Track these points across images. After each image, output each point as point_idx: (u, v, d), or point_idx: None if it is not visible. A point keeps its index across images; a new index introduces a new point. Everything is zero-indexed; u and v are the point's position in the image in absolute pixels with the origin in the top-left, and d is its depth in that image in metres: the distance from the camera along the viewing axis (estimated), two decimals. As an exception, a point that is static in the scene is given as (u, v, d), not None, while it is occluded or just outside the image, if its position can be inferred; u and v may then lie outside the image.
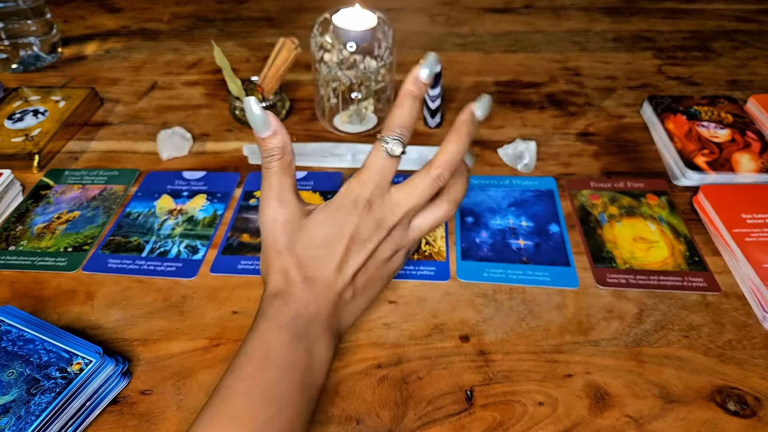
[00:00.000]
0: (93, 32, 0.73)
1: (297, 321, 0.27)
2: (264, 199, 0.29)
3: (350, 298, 0.30)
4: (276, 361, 0.25)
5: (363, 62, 0.47)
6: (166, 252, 0.40)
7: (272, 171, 0.29)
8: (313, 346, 0.27)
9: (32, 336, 0.31)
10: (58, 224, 0.43)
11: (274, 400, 0.24)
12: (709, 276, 0.37)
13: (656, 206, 0.43)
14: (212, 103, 0.57)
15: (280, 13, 0.77)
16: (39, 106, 0.54)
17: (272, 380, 0.25)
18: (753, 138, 0.47)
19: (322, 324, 0.28)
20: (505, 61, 0.64)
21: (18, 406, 0.28)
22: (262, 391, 0.24)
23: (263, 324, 0.27)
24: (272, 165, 0.29)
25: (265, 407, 0.24)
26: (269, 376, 0.25)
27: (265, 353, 0.26)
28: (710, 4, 0.76)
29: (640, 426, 0.29)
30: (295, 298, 0.28)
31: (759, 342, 0.33)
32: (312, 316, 0.27)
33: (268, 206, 0.29)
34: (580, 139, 0.51)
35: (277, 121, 0.29)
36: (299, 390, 0.25)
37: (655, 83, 0.59)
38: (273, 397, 0.24)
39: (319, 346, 0.27)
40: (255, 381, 0.25)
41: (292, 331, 0.26)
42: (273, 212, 0.29)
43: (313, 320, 0.27)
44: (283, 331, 0.26)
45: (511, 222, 0.42)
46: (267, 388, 0.24)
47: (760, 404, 0.30)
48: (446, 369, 0.32)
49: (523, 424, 0.29)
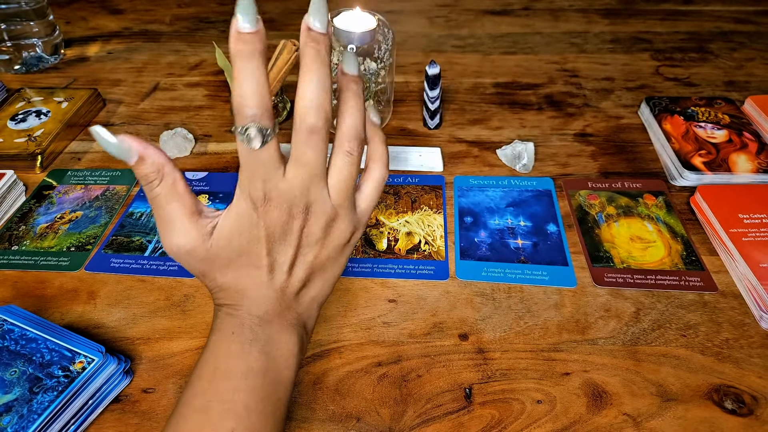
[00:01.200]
0: (95, 33, 0.73)
1: (243, 327, 0.26)
2: (160, 232, 0.26)
3: (300, 289, 0.27)
4: (226, 371, 0.24)
5: (363, 64, 0.47)
6: (167, 252, 0.40)
7: (157, 200, 0.25)
8: (267, 346, 0.25)
9: (35, 335, 0.31)
10: (61, 224, 0.43)
11: (232, 411, 0.23)
12: (707, 275, 0.37)
13: (654, 206, 0.43)
14: (214, 104, 0.58)
15: (280, 14, 0.78)
16: (42, 107, 0.54)
17: (226, 390, 0.24)
18: (750, 138, 0.48)
19: (273, 323, 0.26)
20: (503, 62, 0.64)
21: (20, 404, 0.28)
22: (217, 403, 0.23)
23: (211, 338, 0.26)
24: (154, 192, 0.25)
25: (224, 420, 0.23)
26: (222, 387, 0.24)
27: (214, 366, 0.25)
28: (708, 5, 0.77)
29: (637, 424, 0.29)
30: (237, 308, 0.26)
31: (756, 341, 0.33)
32: (258, 319, 0.26)
33: (165, 239, 0.26)
34: (578, 140, 0.51)
35: (140, 143, 0.24)
36: (262, 395, 0.24)
37: (652, 84, 0.59)
38: (231, 408, 0.23)
39: (276, 345, 0.26)
40: (208, 395, 0.24)
41: (239, 338, 0.25)
42: (172, 244, 0.26)
43: (260, 323, 0.26)
44: (230, 341, 0.25)
45: (509, 222, 0.42)
46: (222, 399, 0.24)
47: (757, 403, 0.30)
48: (445, 367, 0.32)
49: (522, 422, 0.29)
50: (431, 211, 0.43)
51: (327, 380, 0.32)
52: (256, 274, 0.26)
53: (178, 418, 0.24)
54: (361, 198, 0.28)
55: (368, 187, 0.28)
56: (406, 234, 0.41)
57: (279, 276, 0.26)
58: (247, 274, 0.26)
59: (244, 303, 0.26)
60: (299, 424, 0.30)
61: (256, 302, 0.26)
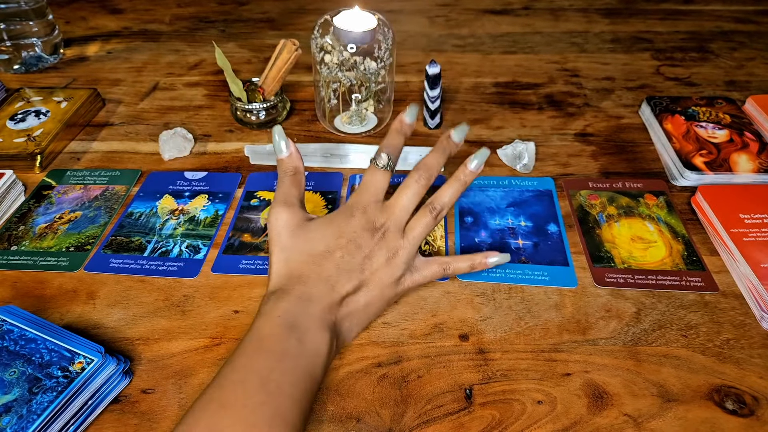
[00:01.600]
0: (95, 33, 0.73)
1: (288, 313, 0.29)
2: (273, 203, 0.34)
3: (346, 295, 0.31)
4: (267, 350, 0.27)
5: (363, 63, 0.47)
6: (167, 252, 0.40)
7: (284, 182, 0.34)
8: (304, 336, 0.28)
9: (34, 335, 0.31)
10: (60, 224, 0.43)
11: (265, 388, 0.25)
12: (707, 276, 0.37)
13: (654, 206, 0.43)
14: (213, 103, 0.58)
15: (280, 14, 0.78)
16: (41, 106, 0.54)
17: (263, 367, 0.26)
18: (751, 138, 0.48)
19: (314, 316, 0.29)
20: (503, 62, 0.64)
21: (20, 405, 0.28)
22: (254, 378, 0.25)
23: (257, 320, 0.29)
24: (285, 179, 0.34)
25: (257, 393, 0.25)
26: (260, 363, 0.26)
27: (257, 344, 0.27)
28: (708, 5, 0.77)
29: (638, 425, 0.29)
30: (288, 293, 0.30)
31: (757, 341, 0.33)
32: (303, 309, 0.29)
33: (275, 208, 0.33)
34: (578, 140, 0.51)
35: (293, 147, 0.35)
36: (293, 379, 0.26)
37: (653, 84, 0.59)
38: (265, 384, 0.25)
39: (311, 336, 0.28)
40: (247, 369, 0.26)
41: (282, 323, 0.28)
42: (278, 213, 0.33)
43: (304, 312, 0.29)
44: (275, 324, 0.28)
45: (510, 222, 0.42)
46: (259, 375, 0.26)
47: (758, 403, 0.30)
48: (446, 368, 0.32)
49: (522, 422, 0.29)
50: (431, 211, 0.43)
51: (327, 381, 0.31)
52: (325, 264, 0.31)
53: (214, 389, 0.26)
54: (424, 263, 0.34)
55: (416, 224, 0.33)
56: (406, 234, 0.41)
57: (339, 275, 0.31)
58: (317, 262, 0.31)
59: (299, 289, 0.30)
60: (299, 424, 0.30)
61: (309, 291, 0.30)
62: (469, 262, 0.34)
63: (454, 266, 0.34)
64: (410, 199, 0.33)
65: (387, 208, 0.33)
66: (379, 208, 0.33)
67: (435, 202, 0.33)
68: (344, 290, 0.31)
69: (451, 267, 0.34)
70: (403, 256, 0.33)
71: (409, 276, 0.33)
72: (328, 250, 0.31)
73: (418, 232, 0.33)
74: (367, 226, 0.32)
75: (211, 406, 0.25)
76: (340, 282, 0.31)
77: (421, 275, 0.34)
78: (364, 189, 0.33)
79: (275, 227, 0.33)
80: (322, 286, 0.30)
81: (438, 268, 0.34)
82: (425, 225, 0.33)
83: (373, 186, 0.33)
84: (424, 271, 0.34)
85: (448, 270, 0.34)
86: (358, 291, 0.31)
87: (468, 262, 0.34)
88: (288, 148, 0.35)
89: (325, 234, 0.32)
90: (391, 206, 0.33)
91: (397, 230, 0.33)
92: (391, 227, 0.33)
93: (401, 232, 0.33)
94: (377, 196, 0.33)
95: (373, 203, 0.33)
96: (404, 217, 0.33)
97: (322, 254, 0.31)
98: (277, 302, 0.29)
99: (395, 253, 0.32)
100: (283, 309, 0.29)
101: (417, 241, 0.33)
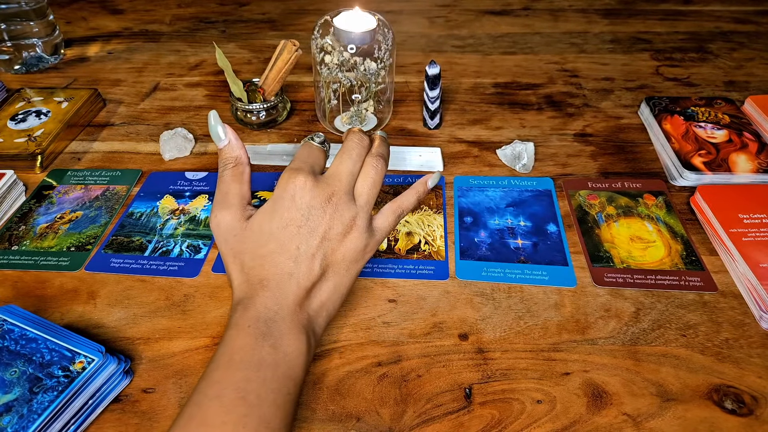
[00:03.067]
0: (95, 34, 0.73)
1: (258, 322, 0.27)
2: (213, 205, 0.31)
3: (314, 284, 0.29)
4: (240, 362, 0.26)
5: (363, 64, 0.47)
6: (168, 251, 0.40)
7: (223, 178, 0.31)
8: (279, 342, 0.27)
9: (35, 335, 0.31)
10: (61, 224, 0.43)
11: (245, 400, 0.24)
12: (706, 275, 0.37)
13: (653, 206, 0.43)
14: (214, 104, 0.58)
15: (281, 15, 0.78)
16: (42, 107, 0.54)
17: (240, 380, 0.25)
18: (750, 139, 0.48)
19: (286, 320, 0.27)
20: (503, 62, 0.64)
21: (20, 404, 0.28)
22: (231, 392, 0.24)
23: (228, 332, 0.27)
24: (224, 173, 0.31)
25: (236, 407, 0.24)
26: (236, 376, 0.25)
27: (230, 357, 0.26)
28: (707, 5, 0.77)
29: (637, 424, 0.29)
30: (254, 300, 0.28)
31: (756, 341, 0.33)
32: (273, 314, 0.27)
33: (214, 211, 0.30)
34: (577, 140, 0.51)
35: (233, 135, 0.32)
36: (274, 386, 0.25)
37: (652, 84, 0.59)
38: (244, 396, 0.24)
39: (287, 341, 0.27)
40: (223, 384, 0.25)
41: (254, 332, 0.26)
42: (218, 218, 0.30)
43: (275, 318, 0.27)
44: (246, 334, 0.26)
45: (509, 222, 0.42)
46: (236, 388, 0.25)
47: (757, 403, 0.30)
48: (445, 367, 0.32)
49: (522, 422, 0.29)
50: (431, 211, 0.43)
51: (327, 380, 0.32)
52: (281, 261, 0.28)
53: (192, 407, 0.24)
54: (380, 218, 0.32)
55: (364, 181, 0.31)
56: (406, 234, 0.41)
57: (300, 267, 0.29)
58: (273, 261, 0.29)
59: (263, 294, 0.28)
60: (299, 424, 0.30)
61: (274, 294, 0.28)
62: (414, 194, 0.33)
63: (405, 206, 0.33)
64: (355, 162, 0.31)
65: (331, 176, 0.30)
66: (319, 180, 0.30)
67: (401, 202, 0.32)
68: (309, 281, 0.28)
69: (403, 206, 0.33)
70: (361, 223, 0.30)
71: (371, 240, 0.31)
72: (280, 243, 0.28)
73: (367, 195, 0.31)
74: (312, 202, 0.29)
75: (191, 424, 0.24)
76: (302, 274, 0.28)
77: (382, 233, 0.31)
78: (295, 165, 0.30)
79: (219, 234, 0.30)
80: (285, 285, 0.28)
81: (393, 217, 0.32)
82: (370, 178, 0.31)
83: (311, 158, 0.31)
84: (383, 226, 0.31)
85: (403, 213, 0.33)
86: (324, 276, 0.29)
87: (414, 196, 0.33)
88: (226, 135, 0.31)
89: (271, 228, 0.29)
90: (335, 173, 0.30)
91: (347, 197, 0.30)
92: (342, 194, 0.30)
93: (352, 198, 0.30)
94: (314, 170, 0.30)
95: (312, 179, 0.29)
96: (351, 182, 0.31)
97: (276, 251, 0.28)
98: (245, 312, 0.27)
99: (353, 223, 0.30)
100: (252, 318, 0.27)
101: (370, 204, 0.31)
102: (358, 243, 0.30)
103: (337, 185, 0.30)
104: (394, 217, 0.32)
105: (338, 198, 0.30)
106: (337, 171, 0.31)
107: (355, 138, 0.32)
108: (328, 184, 0.30)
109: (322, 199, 0.29)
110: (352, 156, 0.31)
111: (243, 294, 0.28)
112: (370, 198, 0.31)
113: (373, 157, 0.32)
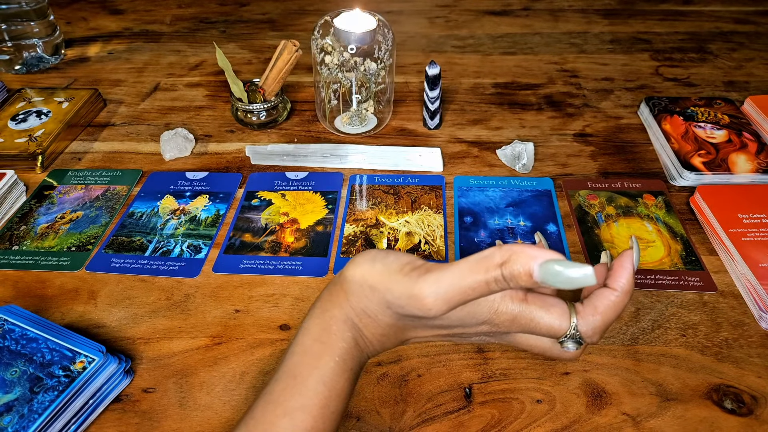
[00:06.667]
0: (96, 34, 0.73)
1: (356, 362, 0.27)
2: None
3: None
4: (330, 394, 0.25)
5: (363, 64, 0.47)
6: (168, 251, 0.40)
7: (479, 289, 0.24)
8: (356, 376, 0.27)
9: (35, 335, 0.31)
10: (62, 224, 0.43)
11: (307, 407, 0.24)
12: (706, 275, 0.37)
13: (653, 206, 0.43)
14: (214, 104, 0.58)
15: (281, 15, 0.78)
16: (42, 107, 0.54)
17: (301, 394, 0.25)
18: (749, 139, 0.48)
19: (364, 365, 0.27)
20: (503, 62, 0.64)
21: (21, 404, 0.28)
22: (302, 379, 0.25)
23: (329, 363, 0.26)
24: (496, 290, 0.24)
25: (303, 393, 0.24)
26: (303, 388, 0.25)
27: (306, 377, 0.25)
28: (707, 5, 0.77)
29: (637, 424, 0.29)
30: (365, 333, 0.27)
31: (755, 341, 0.33)
32: (368, 357, 0.27)
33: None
34: (577, 140, 0.51)
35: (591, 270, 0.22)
36: (333, 416, 0.25)
37: (652, 84, 0.59)
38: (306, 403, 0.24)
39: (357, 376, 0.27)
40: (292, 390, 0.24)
41: (350, 365, 0.26)
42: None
43: (367, 359, 0.27)
44: (342, 369, 0.26)
45: (509, 222, 0.42)
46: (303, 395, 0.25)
47: (756, 403, 0.30)
48: (445, 367, 0.32)
49: (521, 421, 0.29)
50: (431, 211, 0.43)
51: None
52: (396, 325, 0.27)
53: (273, 384, 0.25)
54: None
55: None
56: (406, 234, 0.41)
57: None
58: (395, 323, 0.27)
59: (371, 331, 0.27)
60: (299, 423, 0.30)
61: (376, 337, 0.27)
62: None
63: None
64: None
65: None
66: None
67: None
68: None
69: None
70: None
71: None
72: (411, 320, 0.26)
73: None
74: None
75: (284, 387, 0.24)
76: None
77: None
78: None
79: (358, 278, 0.26)
80: (389, 330, 0.27)
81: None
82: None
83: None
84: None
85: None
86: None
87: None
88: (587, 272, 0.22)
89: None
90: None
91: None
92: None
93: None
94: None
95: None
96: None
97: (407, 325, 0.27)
98: (354, 350, 0.26)
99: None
100: (355, 357, 0.26)
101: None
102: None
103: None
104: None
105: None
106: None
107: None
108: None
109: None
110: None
111: (358, 322, 0.27)
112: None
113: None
